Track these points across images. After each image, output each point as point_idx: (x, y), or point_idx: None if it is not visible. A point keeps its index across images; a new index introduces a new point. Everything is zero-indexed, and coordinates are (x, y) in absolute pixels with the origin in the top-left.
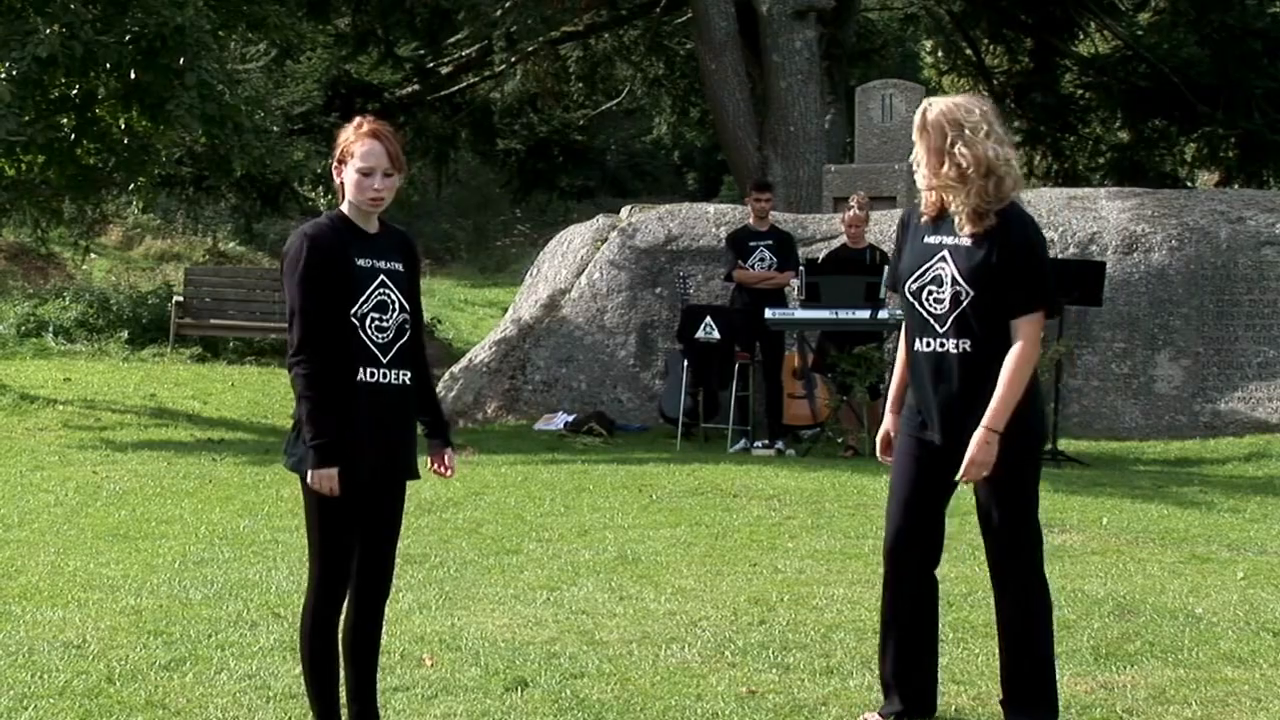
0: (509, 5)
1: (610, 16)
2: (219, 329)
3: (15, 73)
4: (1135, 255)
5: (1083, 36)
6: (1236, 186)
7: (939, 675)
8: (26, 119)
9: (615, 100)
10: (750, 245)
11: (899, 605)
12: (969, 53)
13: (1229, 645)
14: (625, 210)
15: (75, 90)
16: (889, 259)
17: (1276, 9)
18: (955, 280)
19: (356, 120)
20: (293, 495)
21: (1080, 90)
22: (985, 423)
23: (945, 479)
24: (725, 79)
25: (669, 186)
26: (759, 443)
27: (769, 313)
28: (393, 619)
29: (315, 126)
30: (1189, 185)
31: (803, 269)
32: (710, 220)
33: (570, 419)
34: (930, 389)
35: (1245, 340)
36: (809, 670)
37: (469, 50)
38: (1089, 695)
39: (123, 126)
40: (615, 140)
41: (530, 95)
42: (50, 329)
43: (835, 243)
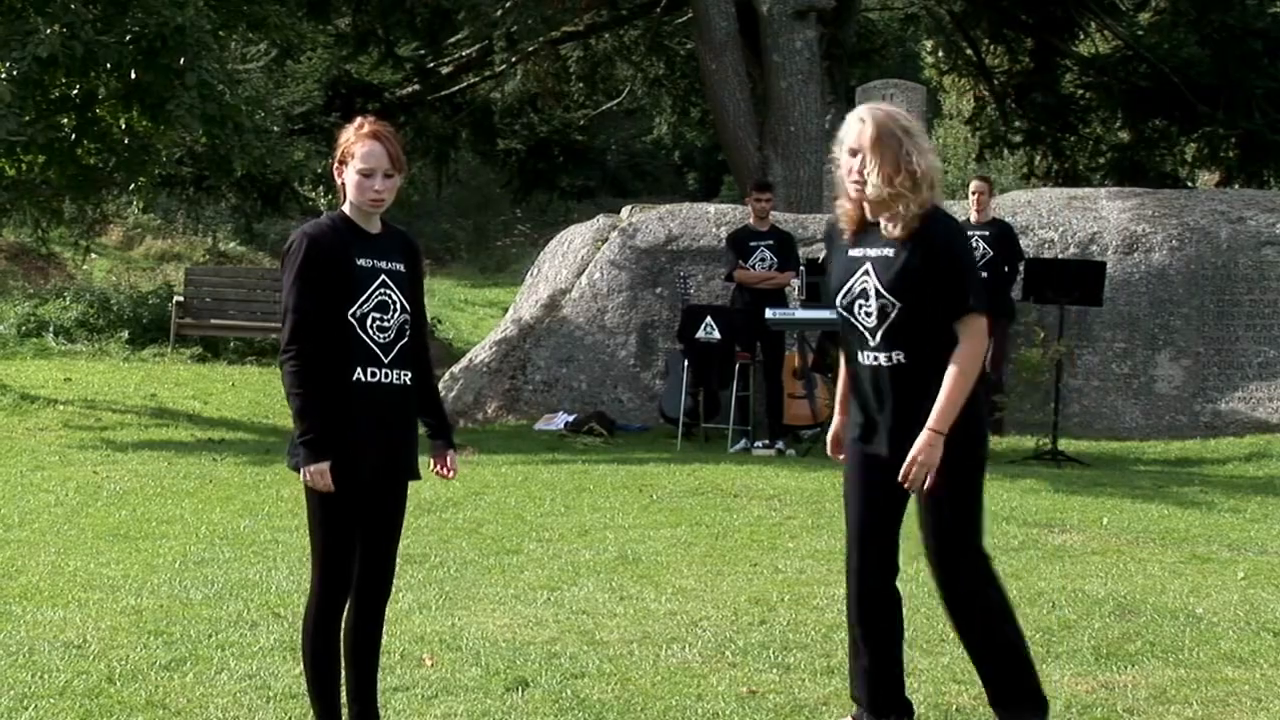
0: (509, 5)
1: (610, 16)
2: (219, 329)
3: (16, 73)
4: (1136, 255)
5: (1083, 36)
6: (1237, 186)
7: (938, 675)
8: (27, 119)
9: (616, 100)
10: (751, 245)
11: (868, 624)
12: (969, 53)
13: (1229, 645)
14: (626, 210)
15: (76, 90)
16: None
17: (1277, 9)
18: (879, 293)
19: (357, 121)
20: (293, 495)
21: (1081, 90)
22: (930, 424)
23: (896, 491)
24: (725, 79)
25: (669, 186)
26: (759, 443)
27: (769, 313)
28: (393, 619)
29: (316, 126)
30: (1189, 185)
31: (803, 269)
32: (711, 220)
33: (571, 419)
34: (872, 401)
35: (1246, 340)
36: (809, 670)
37: (469, 50)
38: (1090, 695)
39: (123, 126)
40: (616, 140)
41: (531, 95)
42: (51, 329)
43: None
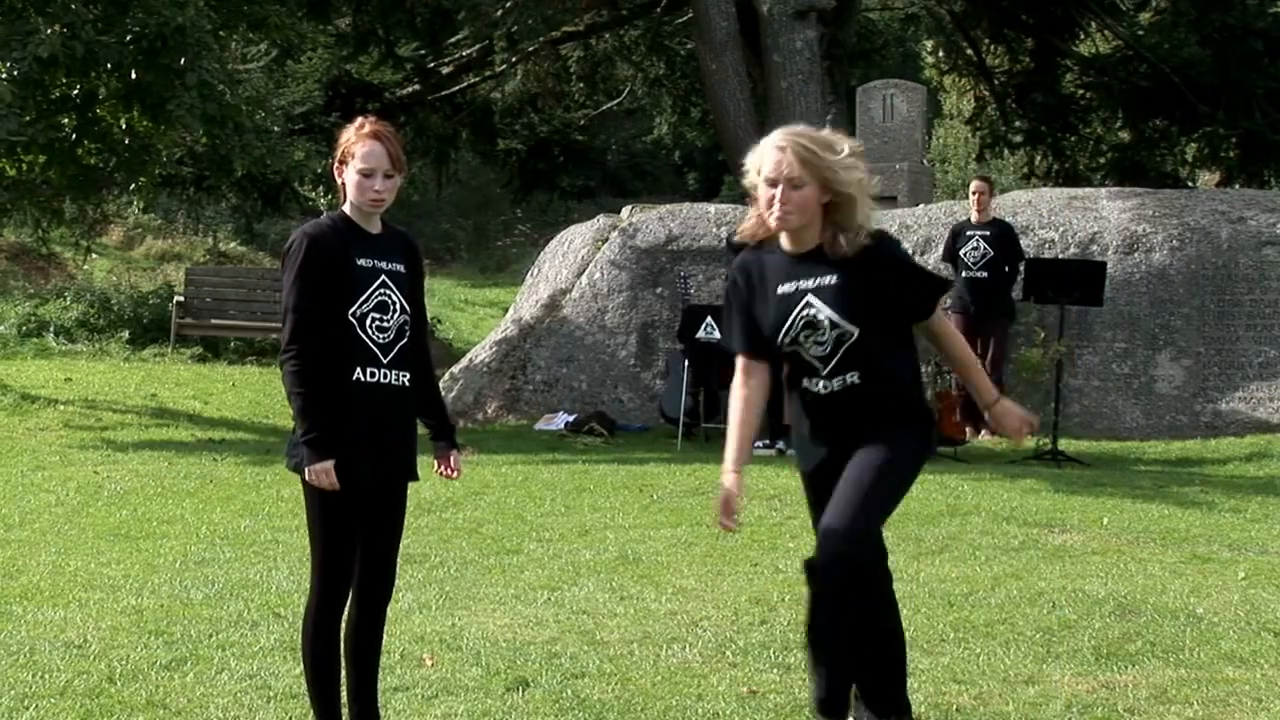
0: (510, 5)
1: (611, 16)
2: (220, 329)
3: (16, 73)
4: (1136, 255)
5: (1083, 36)
6: (1237, 186)
7: (938, 675)
8: (27, 119)
9: (616, 100)
10: None
11: (833, 625)
12: (970, 53)
13: (1230, 645)
14: (626, 210)
15: (76, 90)
16: None
17: (1277, 9)
18: (835, 323)
19: (358, 121)
20: (293, 495)
21: (1081, 90)
22: (990, 400)
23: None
24: (726, 79)
25: (670, 186)
26: (759, 442)
27: None
28: (393, 619)
29: (316, 126)
30: (1190, 185)
31: None
32: (711, 220)
33: (571, 419)
34: (824, 423)
35: (1246, 340)
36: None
37: (470, 50)
38: (1090, 695)
39: (124, 126)
40: (616, 140)
41: (531, 95)
42: (51, 329)
43: None
